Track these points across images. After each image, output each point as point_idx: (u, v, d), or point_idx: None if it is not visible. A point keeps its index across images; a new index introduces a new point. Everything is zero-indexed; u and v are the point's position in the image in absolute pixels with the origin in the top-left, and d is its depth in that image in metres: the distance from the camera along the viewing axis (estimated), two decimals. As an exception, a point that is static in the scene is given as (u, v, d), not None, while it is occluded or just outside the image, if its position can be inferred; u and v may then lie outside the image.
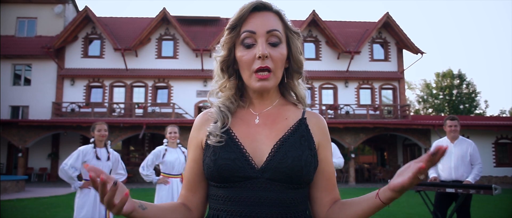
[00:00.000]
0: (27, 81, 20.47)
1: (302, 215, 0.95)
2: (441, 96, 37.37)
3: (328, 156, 1.02)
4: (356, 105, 20.67)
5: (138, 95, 20.60)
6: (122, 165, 4.24)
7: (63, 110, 19.54)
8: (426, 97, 38.95)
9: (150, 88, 20.51)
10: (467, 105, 36.28)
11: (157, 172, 5.10)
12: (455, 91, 36.73)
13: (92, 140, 4.02)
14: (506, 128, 18.35)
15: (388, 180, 11.01)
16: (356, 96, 21.20)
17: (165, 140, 4.80)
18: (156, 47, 21.00)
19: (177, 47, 21.12)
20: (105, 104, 19.90)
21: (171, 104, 19.72)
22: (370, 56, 21.80)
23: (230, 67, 1.02)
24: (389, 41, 22.01)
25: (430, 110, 38.47)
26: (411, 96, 40.90)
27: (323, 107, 20.17)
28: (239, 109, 1.04)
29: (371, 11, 77.46)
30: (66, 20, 21.31)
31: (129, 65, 20.48)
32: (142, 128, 17.23)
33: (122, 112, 19.89)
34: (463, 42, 72.85)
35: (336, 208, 0.98)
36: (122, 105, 19.98)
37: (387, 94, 21.84)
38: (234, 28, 0.97)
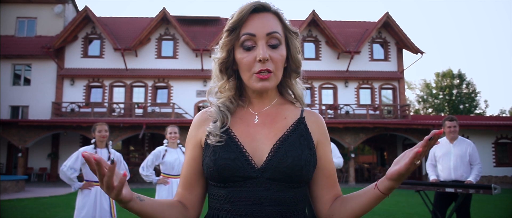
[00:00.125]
0: (27, 81, 20.45)
1: (302, 213, 0.96)
2: (441, 96, 37.36)
3: (327, 153, 1.03)
4: (356, 105, 20.66)
5: (138, 95, 20.60)
6: (125, 166, 4.23)
7: (63, 109, 19.53)
8: (426, 97, 38.93)
9: (150, 88, 20.50)
10: (467, 105, 36.28)
11: (157, 172, 5.10)
12: (455, 91, 36.72)
13: (93, 140, 4.02)
14: (506, 127, 18.34)
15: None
16: (356, 96, 21.20)
17: (165, 140, 4.79)
18: (156, 47, 21.00)
19: (177, 47, 21.11)
20: (105, 104, 19.89)
21: (171, 104, 19.72)
22: (370, 56, 21.79)
23: (229, 69, 1.02)
24: (389, 41, 22.00)
25: (430, 109, 38.45)
26: (411, 96, 40.95)
27: (323, 107, 20.17)
28: (238, 109, 1.04)
29: (371, 11, 77.54)
30: (66, 20, 21.30)
31: (129, 65, 20.47)
32: (142, 128, 17.23)
33: (122, 111, 19.88)
34: (463, 42, 72.94)
35: (337, 204, 0.98)
36: (122, 105, 19.97)
37: (387, 94, 21.83)
38: (234, 30, 0.96)
